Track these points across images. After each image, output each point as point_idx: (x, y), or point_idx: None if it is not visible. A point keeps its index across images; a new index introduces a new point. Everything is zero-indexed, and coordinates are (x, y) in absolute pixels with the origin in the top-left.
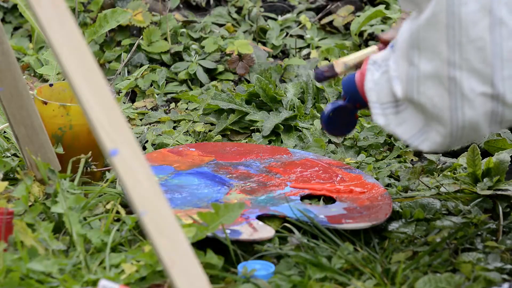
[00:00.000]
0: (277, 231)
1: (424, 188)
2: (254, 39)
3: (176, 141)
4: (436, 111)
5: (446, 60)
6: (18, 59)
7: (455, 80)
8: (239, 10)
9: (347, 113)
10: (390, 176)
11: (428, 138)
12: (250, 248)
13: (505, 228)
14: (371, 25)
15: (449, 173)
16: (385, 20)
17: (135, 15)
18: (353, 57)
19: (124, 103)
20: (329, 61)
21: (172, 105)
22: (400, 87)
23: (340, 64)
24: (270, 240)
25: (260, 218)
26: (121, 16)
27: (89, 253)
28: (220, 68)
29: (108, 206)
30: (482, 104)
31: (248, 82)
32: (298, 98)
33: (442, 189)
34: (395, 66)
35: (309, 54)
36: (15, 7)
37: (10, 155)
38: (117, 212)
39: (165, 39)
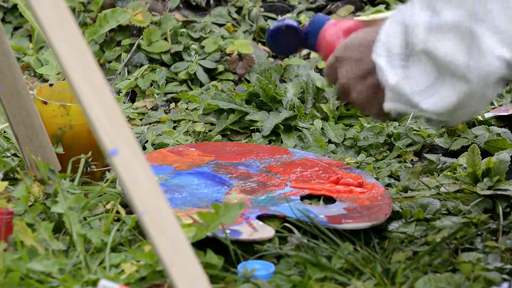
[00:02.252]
0: (277, 231)
1: (424, 188)
2: (254, 39)
3: (176, 141)
4: (452, 65)
5: (470, 10)
6: (18, 59)
7: (476, 35)
8: (239, 10)
9: (295, 36)
10: (390, 176)
11: (436, 95)
12: (250, 248)
13: (505, 228)
14: None
15: (449, 173)
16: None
17: (135, 15)
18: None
19: (124, 103)
20: None
21: (172, 105)
22: (419, 37)
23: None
24: (270, 240)
25: (260, 218)
26: (121, 16)
27: (89, 253)
28: (220, 68)
29: (108, 206)
30: (499, 68)
31: (248, 82)
32: (298, 98)
33: (442, 189)
34: (414, 14)
35: (309, 54)
36: (15, 7)
37: (10, 155)
38: (117, 212)
39: (165, 39)
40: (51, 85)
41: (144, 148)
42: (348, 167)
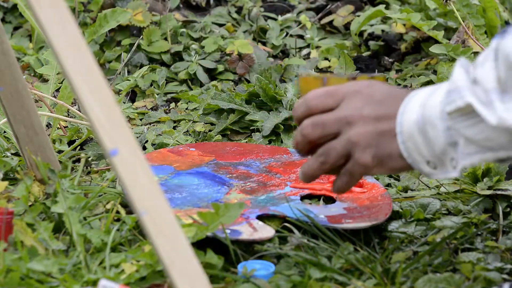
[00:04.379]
0: (277, 231)
1: (424, 188)
2: (254, 39)
3: (176, 141)
4: None
5: None
6: (18, 59)
7: None
8: (239, 10)
9: None
10: (390, 176)
11: None
12: (250, 248)
13: (505, 228)
14: (371, 25)
15: None
16: (385, 20)
17: (135, 15)
18: None
19: (124, 103)
20: (329, 61)
21: (172, 105)
22: None
23: None
24: (270, 240)
25: (260, 218)
26: (121, 16)
27: (89, 253)
28: (220, 68)
29: (108, 206)
30: None
31: (248, 82)
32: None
33: (442, 189)
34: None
35: (309, 54)
36: (15, 7)
37: (10, 155)
38: (117, 212)
39: (165, 39)
40: None
41: (144, 148)
42: None
